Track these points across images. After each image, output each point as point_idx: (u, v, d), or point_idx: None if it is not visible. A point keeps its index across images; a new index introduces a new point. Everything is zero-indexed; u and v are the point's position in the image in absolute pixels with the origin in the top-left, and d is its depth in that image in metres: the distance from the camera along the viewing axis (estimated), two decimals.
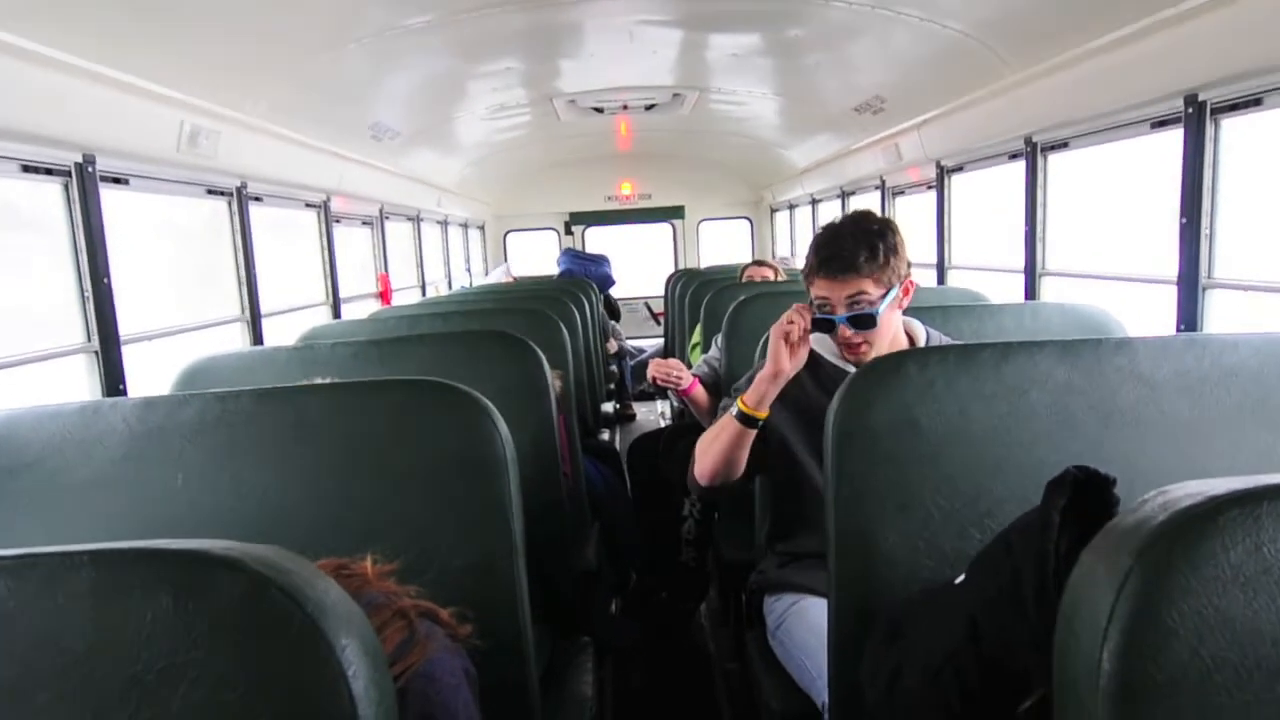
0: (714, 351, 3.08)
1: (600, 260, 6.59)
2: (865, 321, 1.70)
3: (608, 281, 6.54)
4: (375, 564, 1.03)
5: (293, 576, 0.61)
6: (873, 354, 1.74)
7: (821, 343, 1.86)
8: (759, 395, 1.69)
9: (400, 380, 1.38)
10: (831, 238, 1.71)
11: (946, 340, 1.84)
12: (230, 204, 3.22)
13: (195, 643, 0.57)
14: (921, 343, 1.82)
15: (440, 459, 1.30)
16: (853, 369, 1.77)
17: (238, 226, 3.23)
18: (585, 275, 6.29)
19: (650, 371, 2.73)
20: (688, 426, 3.34)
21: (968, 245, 4.17)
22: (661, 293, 7.17)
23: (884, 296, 1.70)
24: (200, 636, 0.57)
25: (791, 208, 7.79)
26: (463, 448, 1.30)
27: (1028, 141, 3.19)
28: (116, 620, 0.58)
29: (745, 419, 1.70)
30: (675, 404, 3.57)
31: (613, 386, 6.14)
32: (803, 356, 1.69)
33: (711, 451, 1.77)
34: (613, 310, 6.95)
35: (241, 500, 1.28)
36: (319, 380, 1.63)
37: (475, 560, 1.29)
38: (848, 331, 1.71)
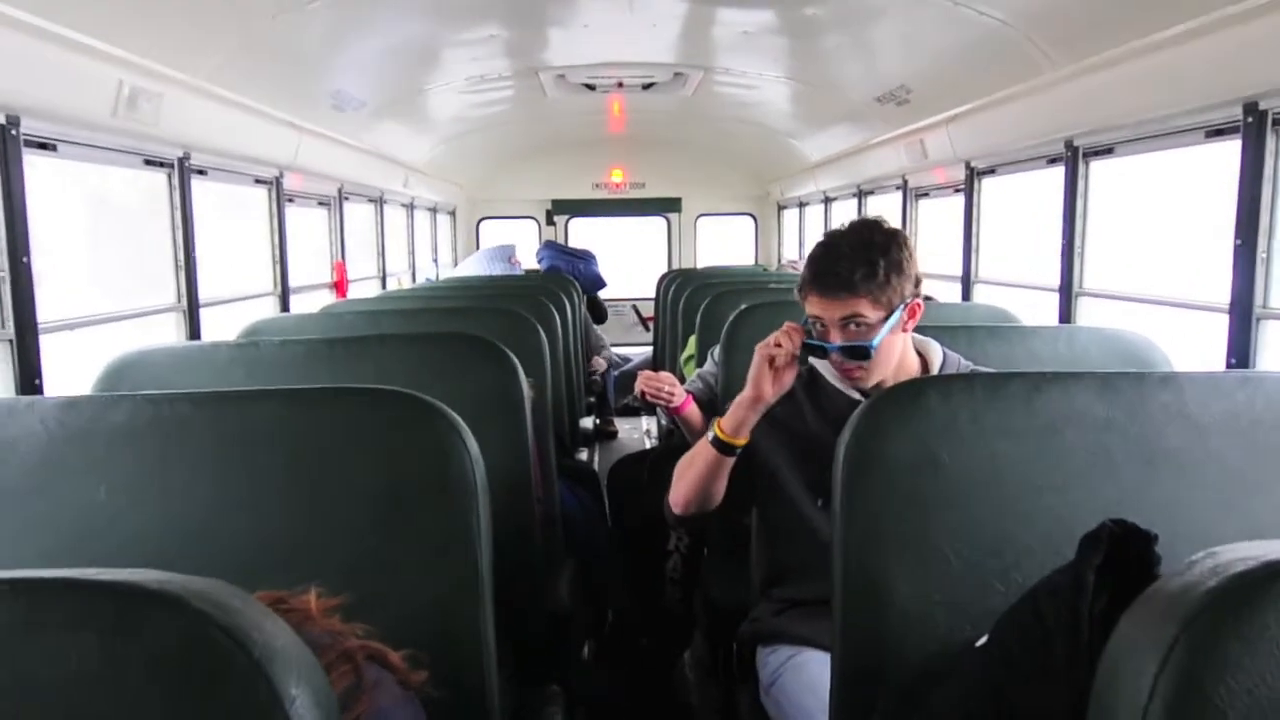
0: (710, 365, 3.09)
1: (588, 257, 6.59)
2: (859, 353, 1.70)
3: (598, 284, 6.55)
4: (320, 598, 1.03)
5: (238, 616, 0.61)
6: (874, 379, 1.76)
7: (824, 365, 1.87)
8: (737, 421, 1.69)
9: (357, 389, 1.37)
10: (827, 250, 1.71)
11: (967, 365, 1.86)
12: (170, 177, 3.20)
13: (125, 689, 0.56)
14: (936, 366, 1.83)
15: (400, 479, 1.30)
16: (857, 394, 1.79)
17: (178, 203, 3.21)
18: (572, 274, 6.29)
19: (639, 385, 2.73)
20: (677, 448, 3.34)
21: (997, 258, 4.21)
22: (652, 295, 7.17)
23: (884, 321, 1.69)
24: (131, 682, 0.57)
25: (802, 205, 7.83)
26: (426, 467, 1.30)
27: (1068, 145, 3.23)
28: (33, 662, 0.57)
29: (721, 445, 1.71)
30: (664, 422, 3.57)
31: (593, 399, 6.14)
32: (787, 381, 1.70)
33: (686, 478, 1.78)
34: (598, 313, 6.95)
35: (172, 519, 1.27)
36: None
37: (436, 596, 1.29)
38: (840, 359, 1.72)
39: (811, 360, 1.88)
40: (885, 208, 5.53)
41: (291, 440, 1.30)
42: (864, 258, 1.67)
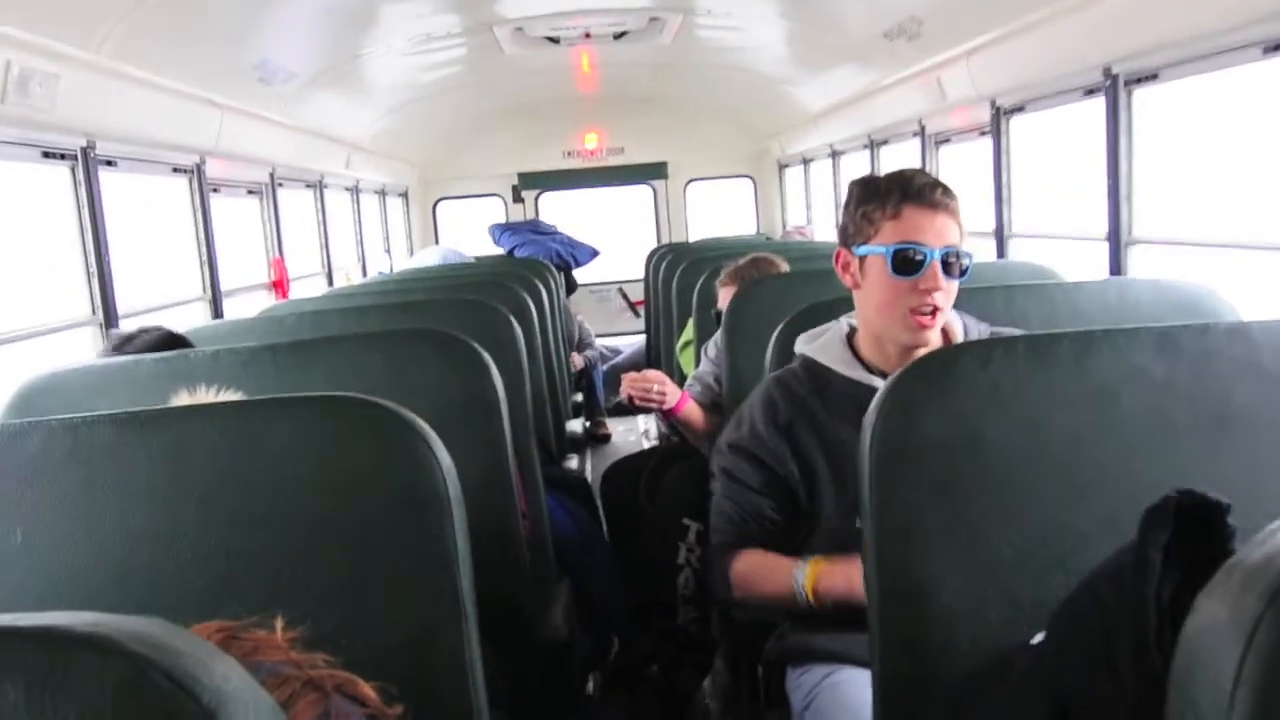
0: (707, 365, 3.09)
1: (554, 233, 6.58)
2: (957, 268, 1.76)
3: (576, 261, 6.54)
4: (279, 626, 1.03)
5: (183, 658, 0.61)
6: (938, 330, 1.79)
7: (827, 349, 1.89)
8: (837, 598, 1.73)
9: (305, 397, 1.38)
10: (918, 174, 1.80)
11: (986, 329, 1.89)
12: (74, 170, 3.19)
13: None
14: (959, 334, 1.87)
15: (362, 498, 1.30)
16: (876, 380, 1.80)
17: (84, 200, 3.20)
18: (548, 257, 6.28)
19: (624, 389, 2.74)
20: (679, 450, 3.35)
21: (1033, 209, 4.22)
22: (641, 275, 7.18)
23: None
24: None
25: (806, 162, 7.84)
26: (391, 483, 1.30)
27: (1106, 73, 3.23)
28: None
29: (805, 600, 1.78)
30: (662, 427, 3.58)
31: (580, 398, 6.15)
32: None
33: (762, 593, 1.87)
34: (569, 286, 6.89)
35: (102, 558, 1.27)
36: (200, 396, 1.63)
37: (412, 629, 1.29)
38: (939, 279, 1.74)
39: (810, 351, 1.90)
40: (902, 159, 5.53)
41: (234, 459, 1.30)
42: (947, 189, 1.79)
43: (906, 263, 1.75)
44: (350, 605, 1.27)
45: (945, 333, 1.86)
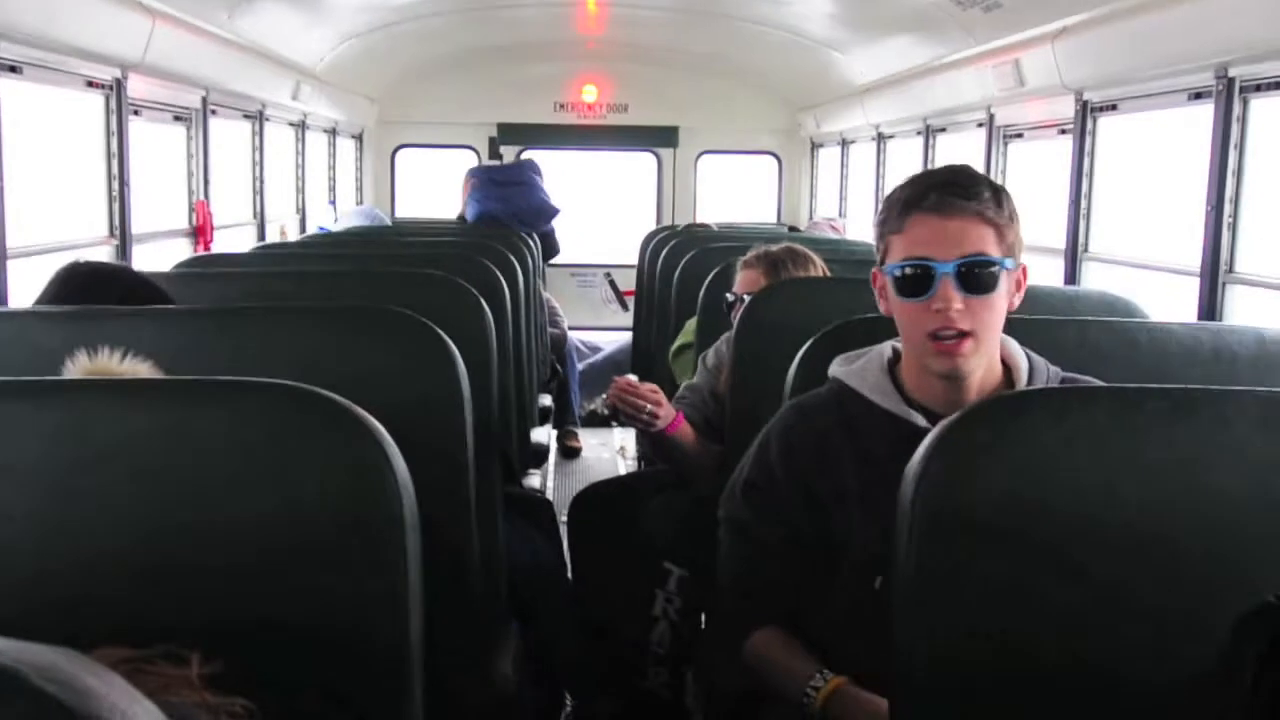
0: (703, 375, 3.08)
1: (525, 179, 6.05)
2: (979, 281, 1.73)
3: (543, 215, 6.07)
4: (195, 662, 1.03)
5: (95, 701, 0.61)
6: (975, 362, 1.77)
7: (863, 375, 1.89)
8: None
9: (240, 382, 1.37)
10: (941, 170, 1.81)
11: (1057, 375, 1.88)
12: None
13: None
14: (1023, 375, 1.86)
15: (298, 510, 1.30)
16: (918, 419, 1.80)
17: None
18: (507, 216, 5.82)
19: (611, 396, 2.72)
20: (663, 478, 3.34)
21: (1115, 226, 4.24)
22: (634, 261, 7.18)
23: (1003, 261, 1.76)
24: None
25: (845, 143, 7.86)
26: (337, 496, 1.30)
27: (1221, 75, 3.26)
28: None
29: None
30: (645, 445, 3.57)
31: (548, 401, 6.15)
32: None
33: (768, 685, 1.92)
34: (549, 249, 6.47)
35: None
36: (102, 363, 1.61)
37: (347, 672, 1.29)
38: (952, 298, 1.73)
39: (846, 378, 1.90)
40: (963, 150, 5.55)
41: (147, 449, 1.29)
42: (988, 183, 1.77)
43: (910, 282, 1.76)
44: (274, 640, 1.27)
45: (1007, 366, 1.86)
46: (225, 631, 1.24)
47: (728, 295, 3.17)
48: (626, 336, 7.64)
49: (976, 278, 1.73)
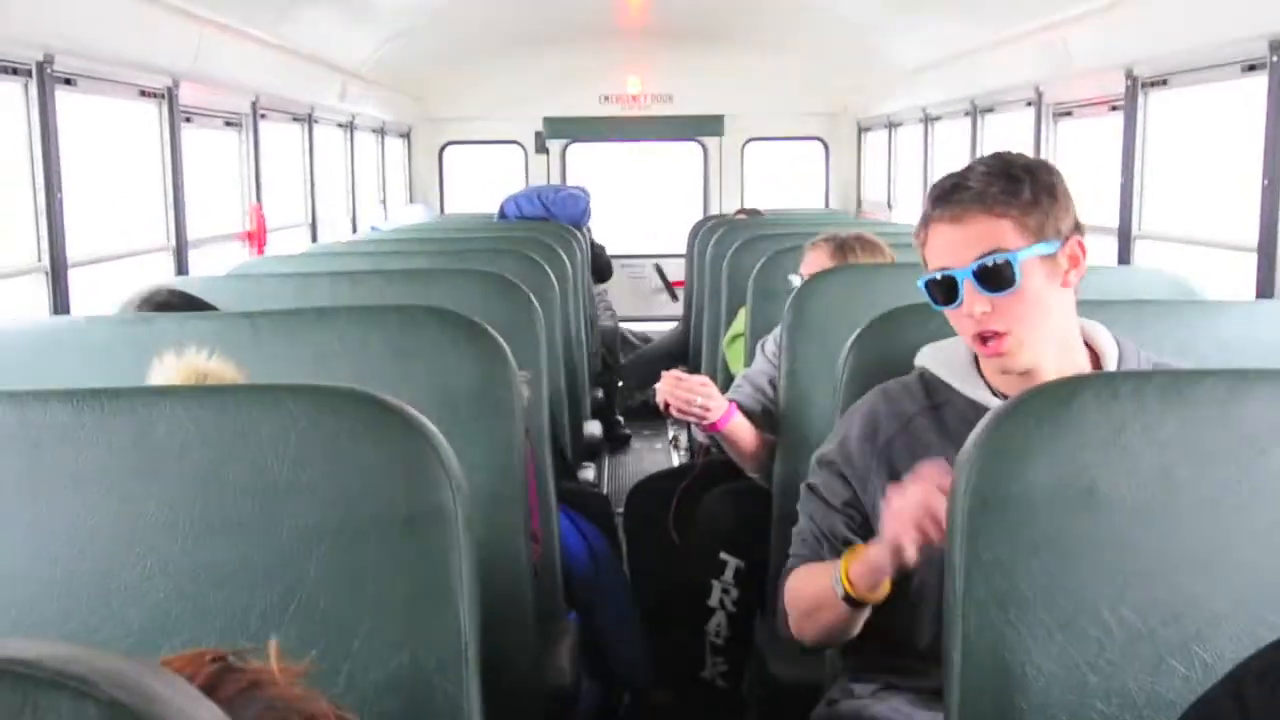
0: (762, 363, 3.07)
1: (574, 197, 6.51)
2: (997, 278, 1.70)
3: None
4: (274, 652, 1.06)
5: (160, 705, 0.63)
6: (1025, 355, 1.75)
7: (950, 364, 1.88)
8: (872, 579, 1.71)
9: (296, 387, 1.39)
10: (954, 174, 1.79)
11: (1149, 360, 1.85)
12: (27, 88, 3.23)
13: None
14: (1112, 360, 1.83)
15: (353, 511, 1.31)
16: (995, 400, 1.79)
17: (37, 123, 3.24)
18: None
19: (661, 392, 2.70)
20: (716, 469, 3.34)
21: (1169, 206, 4.17)
22: (682, 251, 7.18)
23: (1029, 249, 1.72)
24: None
25: (891, 126, 7.80)
26: (391, 496, 1.31)
27: (1275, 46, 3.19)
28: None
29: (852, 601, 1.74)
30: (701, 437, 3.56)
31: (600, 394, 6.17)
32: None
33: (814, 622, 1.85)
34: (601, 269, 6.92)
35: (46, 561, 1.29)
36: (191, 361, 1.64)
37: (402, 670, 1.31)
38: (976, 301, 1.71)
39: (933, 366, 1.89)
40: (1010, 131, 5.49)
41: (207, 454, 1.32)
42: (1005, 174, 1.73)
43: (940, 293, 1.76)
44: (334, 639, 1.29)
45: (1093, 349, 1.84)
46: (284, 626, 1.27)
47: (791, 278, 3.14)
48: (674, 325, 7.65)
49: (994, 276, 1.70)
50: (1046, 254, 1.72)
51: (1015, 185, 1.72)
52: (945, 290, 1.75)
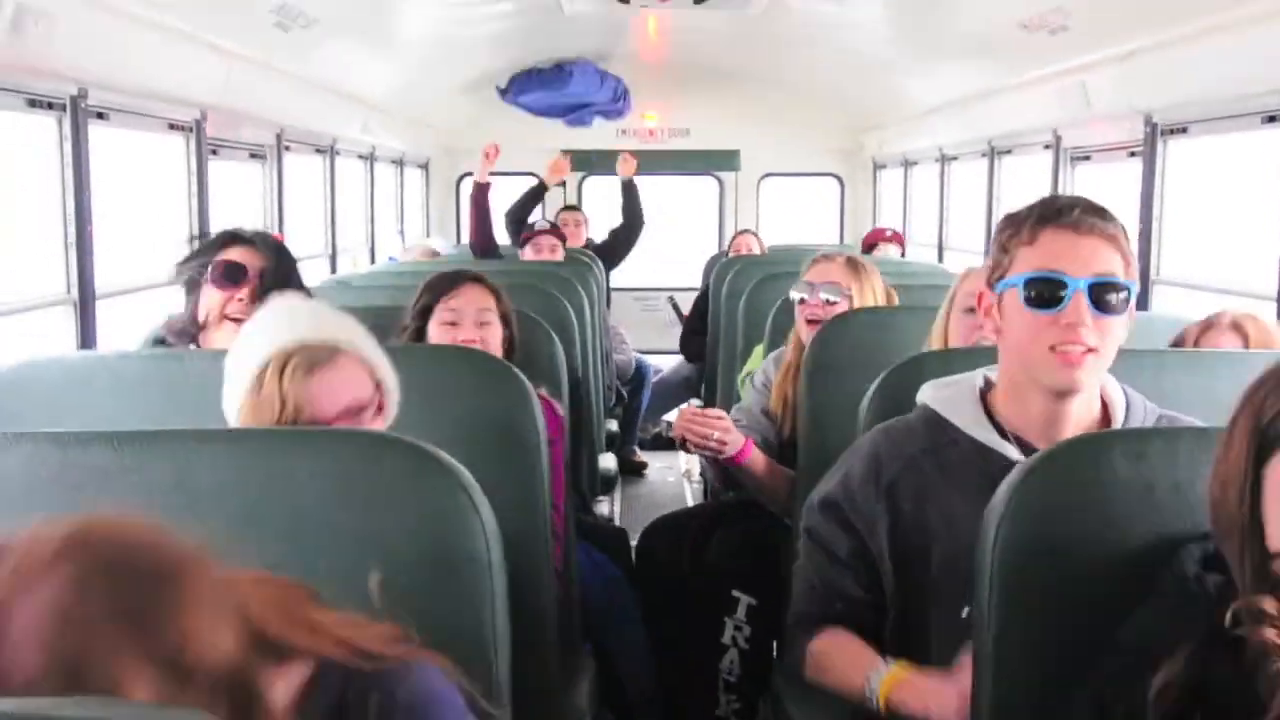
0: (754, 398, 3.07)
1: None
2: (1110, 303, 1.72)
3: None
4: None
5: None
6: (1094, 376, 1.75)
7: (954, 402, 1.87)
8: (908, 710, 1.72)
9: (331, 431, 1.41)
10: (1062, 196, 1.82)
11: (1154, 412, 1.86)
12: (61, 123, 3.27)
13: None
14: (1120, 413, 1.83)
15: (391, 555, 1.33)
16: (1009, 447, 1.78)
17: (69, 157, 3.28)
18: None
19: (678, 426, 2.71)
20: (731, 507, 3.33)
21: (1188, 252, 4.17)
22: (697, 284, 7.19)
23: (1133, 285, 1.76)
24: None
25: (907, 165, 7.83)
26: (427, 542, 1.33)
27: None
28: None
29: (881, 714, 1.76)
30: (709, 473, 3.56)
31: (613, 426, 6.16)
32: None
33: (833, 682, 1.89)
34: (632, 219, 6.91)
35: None
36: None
37: None
38: (1085, 311, 1.71)
39: (931, 399, 1.90)
40: (1028, 174, 5.51)
41: (245, 497, 1.34)
42: (1105, 212, 1.77)
43: (1044, 294, 1.74)
44: None
45: (1105, 404, 1.85)
46: None
47: (793, 293, 3.16)
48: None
49: (1107, 298, 1.72)
50: (1134, 295, 1.77)
51: (1119, 226, 1.77)
52: (1050, 293, 1.73)
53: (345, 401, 1.70)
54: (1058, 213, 1.75)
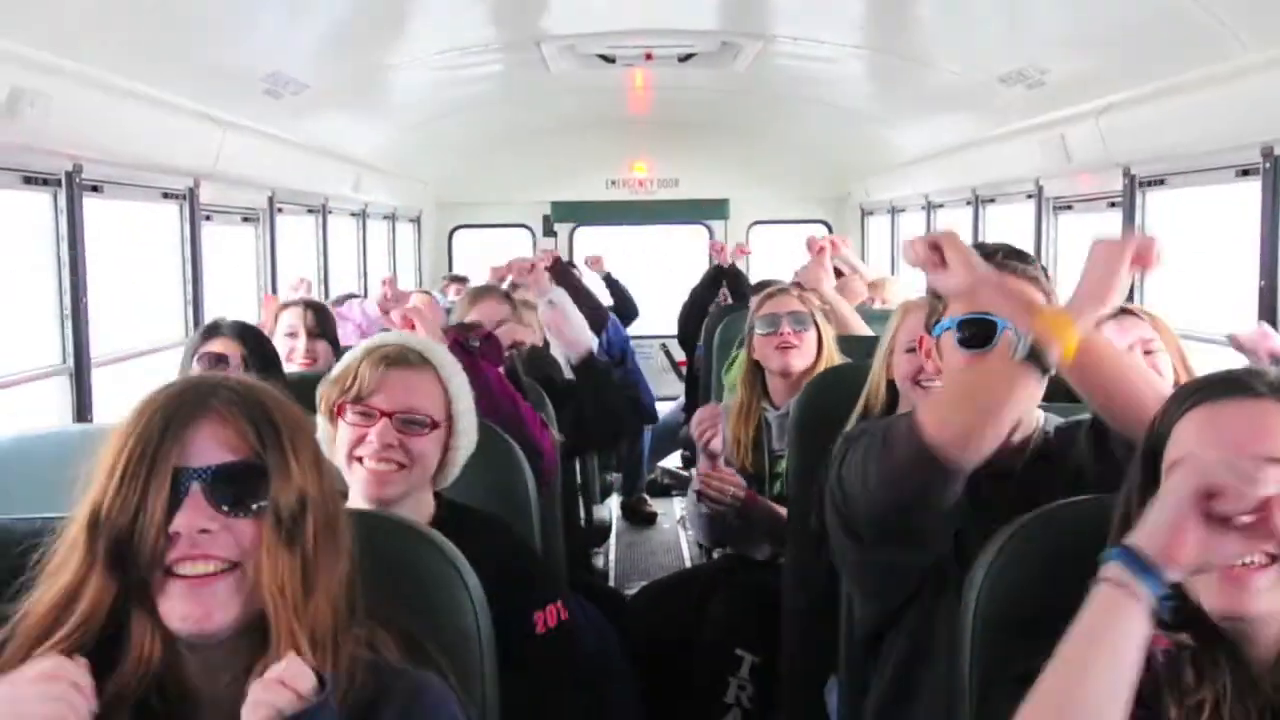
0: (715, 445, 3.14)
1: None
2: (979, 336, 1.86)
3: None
4: None
5: None
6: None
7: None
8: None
9: None
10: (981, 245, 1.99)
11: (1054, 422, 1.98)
12: (56, 197, 3.30)
13: None
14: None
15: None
16: None
17: (64, 230, 3.30)
18: None
19: (695, 484, 2.81)
20: (727, 569, 3.31)
21: (1166, 301, 4.20)
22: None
23: None
24: None
25: (894, 211, 7.88)
26: (419, 622, 1.33)
27: (1267, 154, 3.25)
28: None
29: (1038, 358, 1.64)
30: (704, 541, 3.59)
31: (613, 477, 6.12)
32: None
33: (967, 410, 1.66)
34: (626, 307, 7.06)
35: None
36: None
37: None
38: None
39: None
40: (1012, 222, 5.56)
41: None
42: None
43: (976, 334, 1.88)
44: None
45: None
46: None
47: (759, 330, 3.26)
48: (679, 403, 7.64)
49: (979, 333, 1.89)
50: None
51: (1038, 269, 2.00)
52: (981, 331, 1.86)
53: (410, 404, 1.89)
54: (985, 259, 1.85)
